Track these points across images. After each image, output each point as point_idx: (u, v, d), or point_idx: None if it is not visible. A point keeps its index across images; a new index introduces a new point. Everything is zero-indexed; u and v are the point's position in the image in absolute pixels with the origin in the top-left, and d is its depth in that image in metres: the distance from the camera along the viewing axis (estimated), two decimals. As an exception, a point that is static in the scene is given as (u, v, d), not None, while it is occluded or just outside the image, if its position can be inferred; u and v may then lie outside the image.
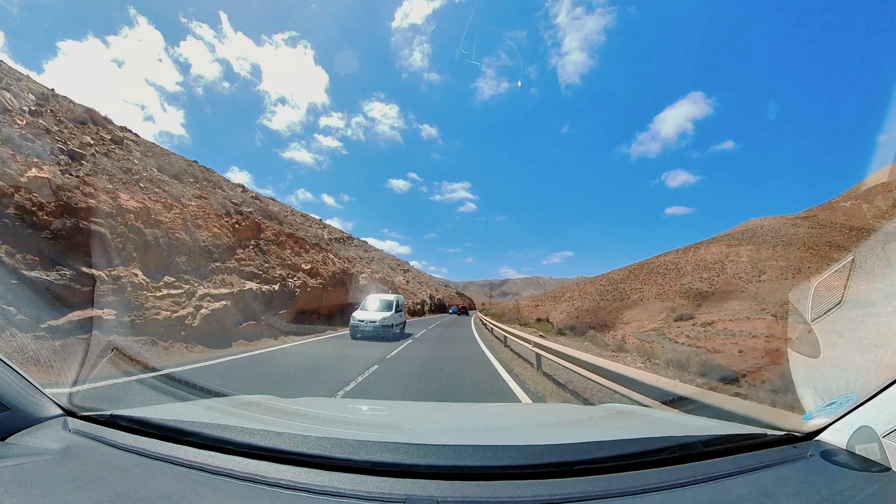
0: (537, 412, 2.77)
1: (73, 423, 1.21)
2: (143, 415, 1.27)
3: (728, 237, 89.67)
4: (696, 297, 62.95)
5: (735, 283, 64.64)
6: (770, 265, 66.61)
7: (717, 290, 63.54)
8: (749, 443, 1.19)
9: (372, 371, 7.14)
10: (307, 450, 1.05)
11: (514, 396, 5.64)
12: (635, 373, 3.56)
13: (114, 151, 13.79)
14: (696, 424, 1.73)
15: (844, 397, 1.19)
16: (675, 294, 67.05)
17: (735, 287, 62.67)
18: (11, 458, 0.96)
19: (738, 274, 67.14)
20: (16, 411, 1.12)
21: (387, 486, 0.94)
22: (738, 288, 62.25)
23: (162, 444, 1.13)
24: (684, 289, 67.53)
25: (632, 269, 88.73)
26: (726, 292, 61.63)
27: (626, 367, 3.96)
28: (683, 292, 66.30)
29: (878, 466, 1.00)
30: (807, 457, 1.09)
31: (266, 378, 6.56)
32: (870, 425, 1.06)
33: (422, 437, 1.37)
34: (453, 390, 5.89)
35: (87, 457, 1.04)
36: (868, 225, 78.73)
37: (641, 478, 0.99)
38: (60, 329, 6.17)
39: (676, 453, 1.09)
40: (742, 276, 66.10)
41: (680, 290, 67.50)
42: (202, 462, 1.03)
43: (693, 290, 66.01)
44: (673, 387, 2.89)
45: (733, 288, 62.69)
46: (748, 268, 67.65)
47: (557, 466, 1.01)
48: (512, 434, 1.72)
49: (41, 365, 4.58)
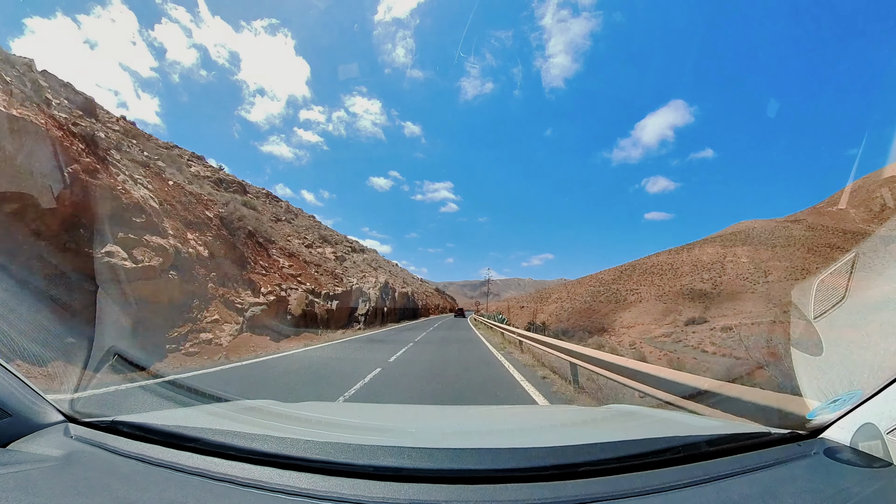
0: (541, 414, 2.77)
1: (74, 430, 1.21)
2: (145, 421, 1.26)
3: (720, 238, 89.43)
4: (700, 298, 61.58)
5: (740, 283, 63.70)
6: (773, 266, 65.99)
7: (722, 291, 62.36)
8: (753, 441, 1.19)
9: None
10: (310, 455, 1.04)
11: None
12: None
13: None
14: (700, 424, 1.73)
15: (848, 394, 1.19)
16: (676, 295, 65.83)
17: (740, 288, 61.63)
18: (13, 465, 0.95)
19: (740, 274, 66.39)
20: (17, 418, 1.12)
21: (390, 491, 0.93)
22: (743, 289, 61.25)
23: (164, 450, 1.12)
24: (685, 289, 66.40)
25: (623, 270, 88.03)
26: (732, 293, 60.45)
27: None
28: (685, 293, 65.13)
29: (881, 463, 0.99)
30: (811, 455, 1.09)
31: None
32: (873, 422, 1.06)
33: (424, 440, 1.36)
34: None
35: (88, 463, 1.04)
36: (859, 229, 79.73)
37: (646, 479, 0.99)
38: (62, 335, 6.17)
39: (681, 453, 1.08)
40: (746, 276, 65.27)
41: (681, 291, 66.39)
42: (204, 468, 1.02)
43: (695, 291, 64.85)
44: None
45: (739, 289, 61.64)
46: (750, 268, 67.00)
47: (561, 469, 1.00)
48: (515, 437, 1.71)
49: (42, 371, 4.58)
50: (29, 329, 5.89)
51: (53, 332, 6.18)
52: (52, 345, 5.85)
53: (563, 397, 5.65)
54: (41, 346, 5.68)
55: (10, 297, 5.97)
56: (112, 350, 4.51)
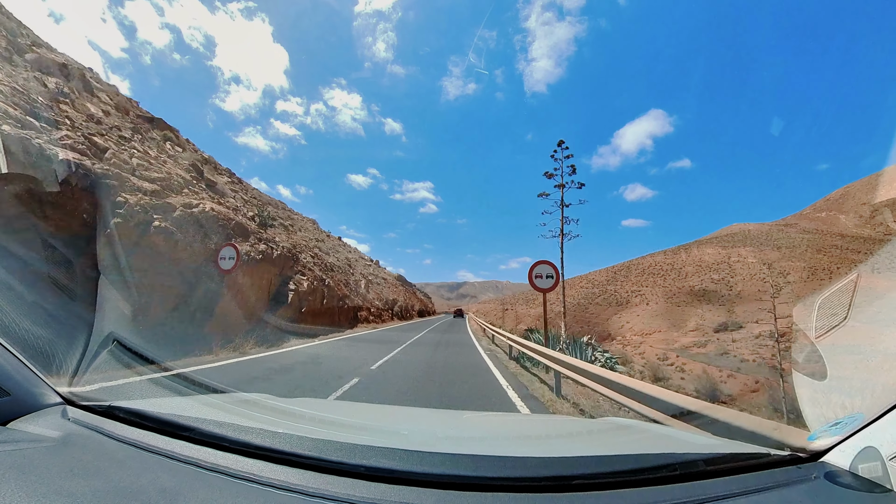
0: (537, 423, 2.75)
1: (72, 412, 1.22)
2: (141, 407, 1.27)
3: (716, 239, 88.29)
4: (717, 300, 56.52)
5: (757, 284, 59.41)
6: (788, 266, 63.07)
7: (741, 293, 57.63)
8: (752, 462, 1.17)
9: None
10: (302, 451, 1.04)
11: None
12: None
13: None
14: (698, 441, 1.70)
15: (850, 417, 1.17)
16: (686, 296, 61.50)
17: (760, 288, 56.37)
18: (10, 444, 0.97)
19: (754, 275, 62.91)
20: (16, 397, 1.13)
21: (380, 493, 0.93)
22: (763, 289, 55.26)
23: (158, 437, 1.13)
24: (697, 290, 62.28)
25: (617, 270, 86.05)
26: (752, 294, 55.50)
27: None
28: (696, 294, 60.90)
29: (881, 489, 0.98)
30: (811, 479, 1.07)
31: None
32: (875, 446, 1.05)
33: (418, 444, 1.36)
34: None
35: (84, 446, 1.05)
36: (854, 233, 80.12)
37: (640, 495, 0.97)
38: (62, 318, 6.20)
39: (677, 471, 1.06)
40: (762, 276, 61.28)
41: (692, 292, 62.09)
42: (197, 458, 1.03)
43: (708, 293, 60.19)
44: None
45: (758, 289, 56.26)
46: (763, 269, 63.74)
47: (555, 480, 0.99)
48: (510, 445, 1.69)
49: (42, 353, 4.60)
50: (29, 311, 5.92)
51: (54, 315, 6.21)
52: (52, 327, 5.88)
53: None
54: (41, 329, 5.71)
55: (11, 278, 6.01)
56: (111, 336, 4.54)
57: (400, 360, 9.15)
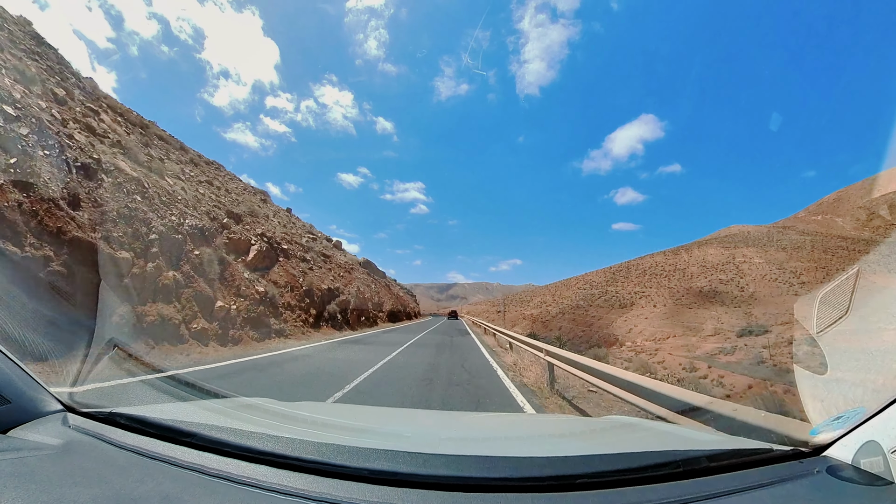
0: (540, 423, 2.74)
1: (73, 420, 1.22)
2: (142, 413, 1.27)
3: (715, 240, 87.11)
4: (731, 302, 53.58)
5: (769, 285, 57.59)
6: (798, 266, 61.65)
7: (755, 294, 55.07)
8: (755, 458, 1.17)
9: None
10: (305, 455, 1.04)
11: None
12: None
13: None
14: (701, 438, 1.70)
15: (852, 411, 1.17)
16: (694, 297, 58.91)
17: (775, 289, 54.96)
18: (11, 452, 0.96)
19: (764, 275, 61.01)
20: (17, 405, 1.12)
21: (384, 496, 0.92)
22: (778, 290, 54.29)
23: (160, 443, 1.13)
24: (705, 291, 59.69)
25: (616, 271, 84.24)
26: (767, 295, 53.16)
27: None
28: (706, 295, 58.14)
29: (883, 482, 0.98)
30: (814, 473, 1.07)
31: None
32: (876, 440, 1.05)
33: (421, 446, 1.36)
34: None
35: (85, 453, 1.04)
36: (853, 235, 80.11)
37: (644, 493, 0.98)
38: (63, 325, 6.19)
39: (680, 468, 1.06)
40: (773, 277, 59.91)
41: (700, 294, 59.42)
42: (199, 463, 1.02)
43: (718, 293, 57.28)
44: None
45: (774, 290, 54.66)
46: (772, 269, 62.24)
47: (559, 479, 0.99)
48: (513, 445, 1.69)
49: (43, 360, 4.59)
50: (30, 318, 5.91)
51: (55, 321, 6.21)
52: (53, 334, 5.88)
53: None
54: (41, 336, 5.70)
55: (10, 284, 6.01)
56: (112, 342, 4.53)
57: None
